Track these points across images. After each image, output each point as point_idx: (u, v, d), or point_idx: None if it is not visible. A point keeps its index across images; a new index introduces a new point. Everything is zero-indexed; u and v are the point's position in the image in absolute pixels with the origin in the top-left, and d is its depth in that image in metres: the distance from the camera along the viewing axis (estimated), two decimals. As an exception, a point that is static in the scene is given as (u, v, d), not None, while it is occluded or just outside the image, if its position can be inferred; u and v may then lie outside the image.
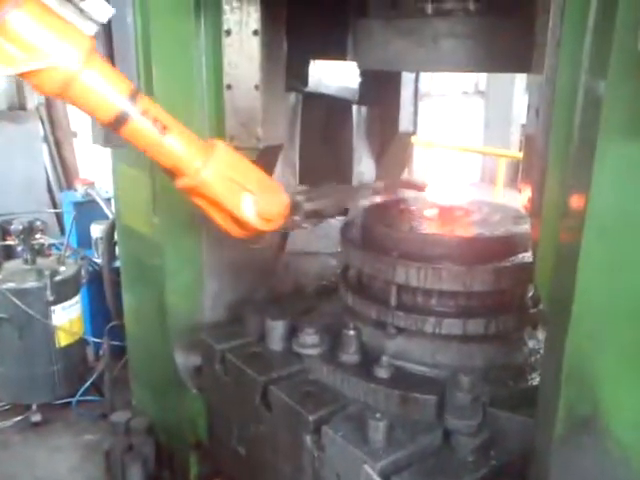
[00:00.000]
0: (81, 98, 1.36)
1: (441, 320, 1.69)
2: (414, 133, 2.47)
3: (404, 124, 2.37)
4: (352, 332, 1.82)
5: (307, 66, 2.24)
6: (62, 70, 1.28)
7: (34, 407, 3.32)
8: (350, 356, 1.81)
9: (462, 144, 7.60)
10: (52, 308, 3.19)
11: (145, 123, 1.44)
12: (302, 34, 2.03)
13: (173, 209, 2.32)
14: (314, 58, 2.23)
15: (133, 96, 1.41)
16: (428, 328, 1.70)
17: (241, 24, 1.99)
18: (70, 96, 1.36)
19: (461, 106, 9.93)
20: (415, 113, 2.39)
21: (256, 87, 2.01)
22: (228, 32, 1.99)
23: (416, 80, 2.32)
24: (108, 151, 2.69)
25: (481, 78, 10.03)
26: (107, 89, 1.37)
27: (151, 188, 2.37)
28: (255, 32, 1.97)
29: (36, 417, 3.31)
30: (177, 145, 1.50)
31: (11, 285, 3.10)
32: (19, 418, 3.33)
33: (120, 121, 1.41)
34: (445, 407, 1.55)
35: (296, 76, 2.17)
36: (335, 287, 2.24)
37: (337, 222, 2.32)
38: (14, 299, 3.06)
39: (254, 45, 1.98)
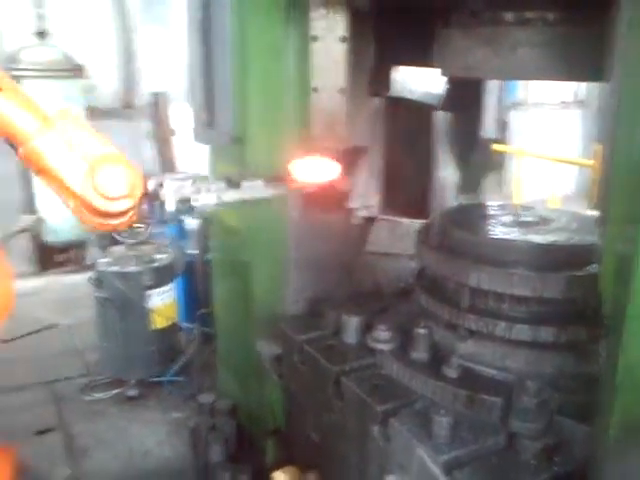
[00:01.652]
0: None
1: (512, 325, 1.71)
2: (498, 140, 2.48)
3: (487, 131, 2.38)
4: (424, 331, 1.88)
5: (391, 71, 2.30)
6: None
7: (131, 382, 3.60)
8: (420, 354, 1.86)
9: (556, 154, 7.33)
10: (148, 292, 3.45)
11: None
12: (388, 41, 2.10)
13: (264, 202, 2.46)
14: (399, 64, 2.30)
15: None
16: (499, 332, 1.73)
17: (328, 30, 2.09)
18: None
19: (559, 116, 9.54)
20: (500, 120, 2.39)
21: (341, 91, 2.10)
22: (315, 38, 2.09)
23: (501, 87, 2.33)
24: (206, 148, 2.89)
25: (581, 88, 9.57)
26: None
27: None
28: (342, 38, 2.06)
29: (132, 392, 3.59)
30: (9, 108, 1.38)
31: (115, 268, 3.40)
32: (117, 391, 3.62)
33: None
34: (511, 410, 1.58)
35: (380, 81, 2.24)
36: (411, 289, 2.29)
37: (417, 224, 2.37)
38: (116, 281, 3.35)
39: (340, 50, 2.07)
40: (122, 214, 1.49)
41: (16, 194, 5.33)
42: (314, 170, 1.88)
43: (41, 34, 5.45)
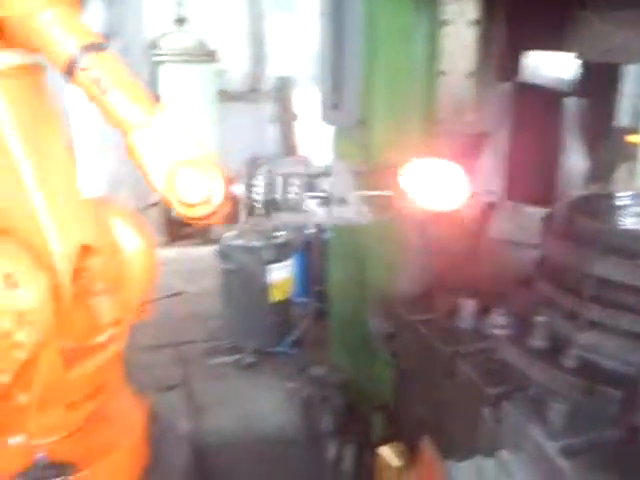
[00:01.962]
0: (39, 38, 1.41)
1: (637, 318, 1.65)
2: (633, 130, 2.36)
3: (621, 119, 2.28)
4: (544, 319, 1.86)
5: (522, 56, 2.26)
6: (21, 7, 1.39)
7: (248, 350, 3.83)
8: (538, 341, 1.85)
9: None
10: (269, 267, 3.64)
11: (85, 80, 1.42)
12: (520, 24, 2.06)
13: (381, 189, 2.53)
14: (530, 48, 2.25)
15: (84, 50, 1.41)
16: (623, 325, 1.68)
17: (459, 14, 2.09)
18: (29, 34, 1.42)
19: None
20: (636, 109, 2.28)
21: (470, 75, 2.10)
22: (445, 22, 2.10)
23: (638, 73, 2.22)
24: (329, 132, 2.99)
25: None
26: (62, 35, 1.40)
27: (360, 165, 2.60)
28: (473, 22, 2.05)
29: (250, 359, 3.82)
30: (115, 105, 1.44)
31: (239, 242, 3.62)
32: (237, 357, 3.86)
33: (70, 71, 1.41)
34: (633, 403, 1.54)
35: (510, 66, 2.21)
36: (531, 277, 2.26)
37: (542, 212, 2.32)
38: (240, 255, 3.57)
39: (470, 34, 2.07)
40: (203, 218, 1.45)
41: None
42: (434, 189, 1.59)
43: (180, 21, 5.82)
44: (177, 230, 5.97)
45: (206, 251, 5.69)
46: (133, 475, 2.00)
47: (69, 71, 1.40)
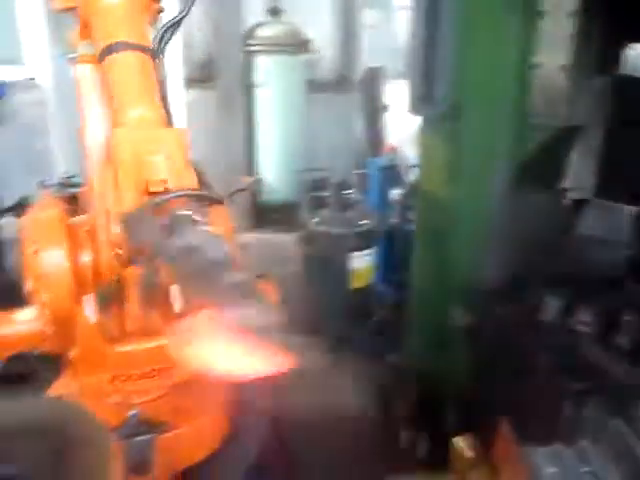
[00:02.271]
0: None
1: None
2: None
3: None
4: (630, 318, 1.83)
5: (622, 49, 2.20)
6: None
7: (326, 334, 3.93)
8: (623, 340, 1.82)
9: None
10: (351, 254, 3.72)
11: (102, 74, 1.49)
12: (621, 16, 2.01)
13: (473, 177, 2.53)
14: (632, 41, 2.18)
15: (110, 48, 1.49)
16: None
17: (557, 6, 2.06)
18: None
19: None
20: None
21: (565, 67, 2.07)
22: (542, 13, 2.08)
23: None
24: (416, 123, 3.01)
25: None
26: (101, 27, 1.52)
27: (448, 157, 2.61)
28: (571, 13, 2.02)
29: (327, 343, 3.91)
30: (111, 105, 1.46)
31: (323, 229, 3.72)
32: (319, 341, 3.98)
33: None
34: None
35: (609, 58, 2.16)
36: (619, 277, 2.21)
37: (635, 210, 2.26)
38: (324, 241, 3.68)
39: (568, 26, 2.03)
40: None
41: (240, 157, 5.97)
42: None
43: (274, 11, 5.97)
44: (263, 216, 6.17)
45: (290, 238, 5.87)
46: (215, 440, 2.14)
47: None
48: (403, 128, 6.58)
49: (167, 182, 1.27)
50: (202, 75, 6.30)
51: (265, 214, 6.19)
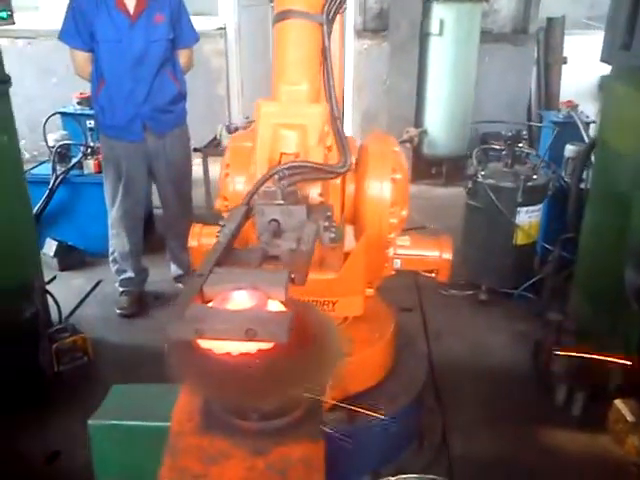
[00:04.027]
0: None
1: None
2: None
3: None
4: None
5: None
6: None
7: (483, 288, 3.95)
8: None
9: None
10: (518, 209, 3.66)
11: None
12: None
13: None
14: None
15: None
16: None
17: None
18: None
19: None
20: None
21: None
22: None
23: None
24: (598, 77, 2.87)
25: None
26: None
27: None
28: None
29: (483, 296, 3.93)
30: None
31: (490, 181, 3.69)
32: (469, 293, 4.01)
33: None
34: None
35: None
36: None
37: None
38: (490, 193, 3.65)
39: None
40: None
41: (408, 108, 6.00)
42: None
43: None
44: (424, 168, 6.19)
45: (449, 192, 5.85)
46: (380, 373, 2.31)
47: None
48: (582, 82, 6.18)
49: (299, 156, 1.45)
50: (376, 24, 6.36)
51: (427, 167, 6.21)
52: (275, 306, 1.02)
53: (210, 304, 1.00)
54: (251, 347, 0.96)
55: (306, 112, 1.52)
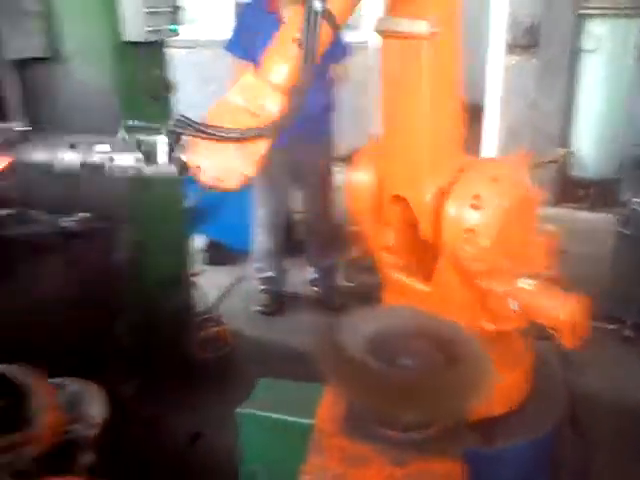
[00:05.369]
0: None
1: None
2: None
3: None
4: None
5: None
6: None
7: (628, 323, 3.69)
8: None
9: None
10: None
11: None
12: None
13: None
14: None
15: None
16: None
17: None
18: None
19: None
20: None
21: None
22: None
23: None
24: None
25: None
26: None
27: None
28: None
29: (628, 332, 3.69)
30: None
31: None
32: (613, 327, 3.77)
33: None
34: None
35: None
36: None
37: None
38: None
39: None
40: None
41: (556, 127, 5.75)
42: None
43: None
44: (569, 190, 5.89)
45: (597, 217, 5.51)
46: (519, 396, 2.24)
47: None
48: None
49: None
50: (526, 40, 6.16)
51: (572, 189, 5.90)
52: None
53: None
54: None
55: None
